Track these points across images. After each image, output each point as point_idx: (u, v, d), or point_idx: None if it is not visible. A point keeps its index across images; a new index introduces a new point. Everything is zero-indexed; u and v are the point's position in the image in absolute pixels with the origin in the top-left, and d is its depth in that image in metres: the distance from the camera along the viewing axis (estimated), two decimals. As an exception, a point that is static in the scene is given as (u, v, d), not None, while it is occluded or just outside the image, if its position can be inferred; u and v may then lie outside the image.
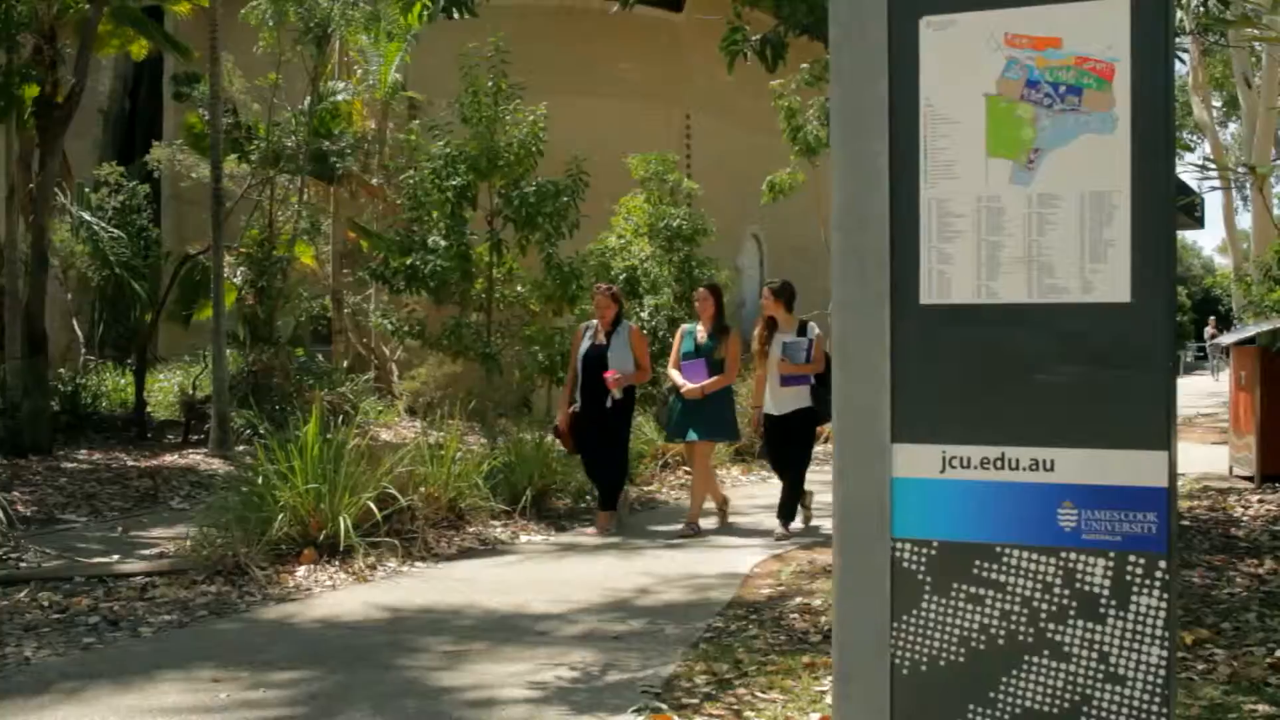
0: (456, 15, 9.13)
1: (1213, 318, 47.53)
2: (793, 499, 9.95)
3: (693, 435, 10.23)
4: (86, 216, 19.04)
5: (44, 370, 14.66)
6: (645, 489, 12.57)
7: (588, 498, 11.43)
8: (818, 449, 16.31)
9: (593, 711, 5.28)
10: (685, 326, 10.65)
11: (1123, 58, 2.72)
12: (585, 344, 10.42)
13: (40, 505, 10.91)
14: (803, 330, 9.75)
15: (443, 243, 14.45)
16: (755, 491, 13.05)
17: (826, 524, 8.41)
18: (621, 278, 17.42)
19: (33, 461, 13.09)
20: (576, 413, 10.34)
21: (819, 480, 12.41)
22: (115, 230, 19.21)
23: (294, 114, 18.48)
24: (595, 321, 10.58)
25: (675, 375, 10.36)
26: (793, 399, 9.73)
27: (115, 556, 8.89)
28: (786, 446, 9.88)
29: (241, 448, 14.25)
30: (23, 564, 8.63)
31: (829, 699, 5.13)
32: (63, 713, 5.32)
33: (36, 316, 14.61)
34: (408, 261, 14.67)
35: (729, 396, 10.50)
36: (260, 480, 8.68)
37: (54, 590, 7.71)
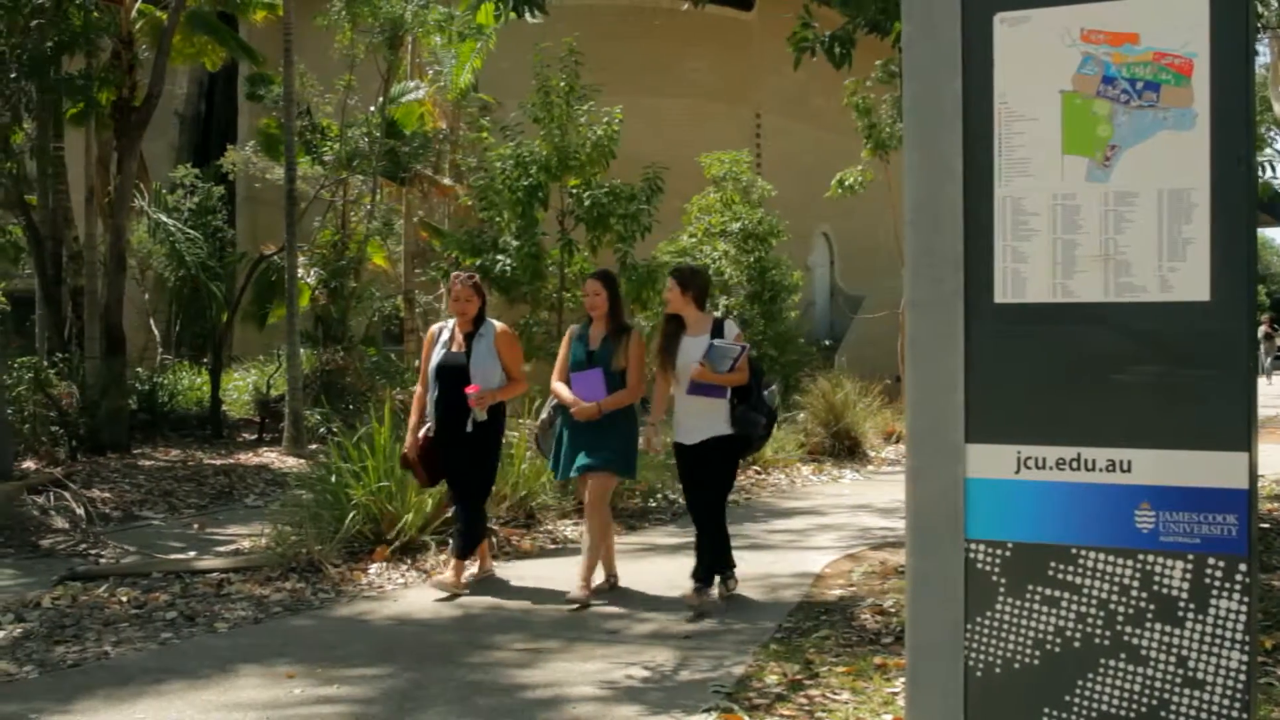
0: (527, 15, 9.15)
1: (1267, 315, 45.96)
2: (716, 549, 7.51)
3: (583, 461, 7.66)
4: (163, 218, 19.31)
5: (122, 369, 14.90)
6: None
7: (657, 497, 11.41)
8: (889, 451, 16.36)
9: (665, 711, 5.28)
10: (574, 328, 8.04)
11: (1201, 53, 2.68)
12: (439, 351, 7.89)
13: (119, 502, 11.08)
14: (719, 331, 7.38)
15: (514, 243, 14.51)
16: (827, 490, 12.99)
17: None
18: (691, 277, 17.40)
19: (111, 459, 13.29)
20: (430, 438, 7.86)
21: (894, 484, 12.32)
22: (191, 231, 19.47)
23: (367, 115, 18.65)
24: (451, 322, 8.03)
25: (562, 391, 7.76)
26: (707, 421, 7.30)
27: (192, 553, 9.02)
28: (697, 487, 7.47)
29: (315, 446, 14.39)
30: (102, 560, 8.77)
31: (901, 700, 5.09)
32: (143, 706, 5.40)
33: (115, 316, 14.86)
34: (479, 261, 14.75)
35: (633, 418, 7.85)
36: (333, 479, 8.75)
37: (133, 586, 7.82)
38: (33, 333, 19.23)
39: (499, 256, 14.58)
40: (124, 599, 7.47)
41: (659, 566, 8.68)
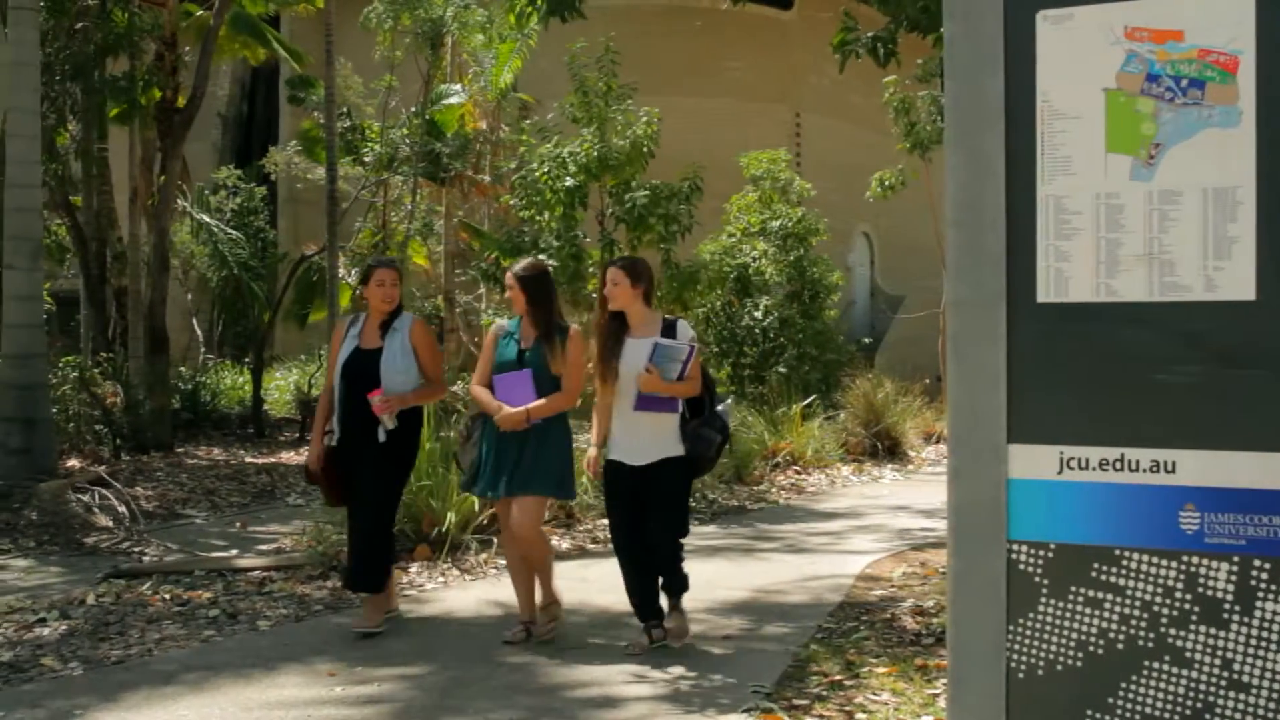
0: (565, 18, 9.16)
1: None
2: (680, 576, 6.47)
3: (510, 486, 6.45)
4: (206, 219, 19.50)
5: (165, 369, 15.04)
6: (755, 488, 12.51)
7: (697, 496, 11.38)
8: (929, 451, 16.28)
9: (704, 711, 5.28)
10: (501, 323, 6.81)
11: (1247, 50, 2.66)
12: (347, 347, 6.83)
13: (162, 500, 11.17)
14: (670, 331, 6.27)
15: (555, 243, 14.55)
16: (867, 491, 12.95)
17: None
18: (732, 276, 17.41)
19: (154, 458, 13.41)
20: (331, 447, 6.81)
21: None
22: (233, 232, 19.66)
23: (408, 116, 18.75)
24: (359, 315, 7.07)
25: (484, 397, 6.49)
26: (655, 439, 6.21)
27: (234, 551, 9.08)
28: (647, 513, 6.28)
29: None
30: (146, 557, 8.85)
31: (942, 702, 5.07)
32: (185, 703, 5.44)
33: (158, 316, 15.00)
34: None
35: (566, 431, 6.70)
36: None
37: (175, 584, 7.88)
38: (77, 332, 19.46)
39: (540, 256, 14.60)
40: (167, 596, 7.53)
41: (697, 567, 8.64)
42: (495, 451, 6.46)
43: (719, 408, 6.43)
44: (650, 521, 6.27)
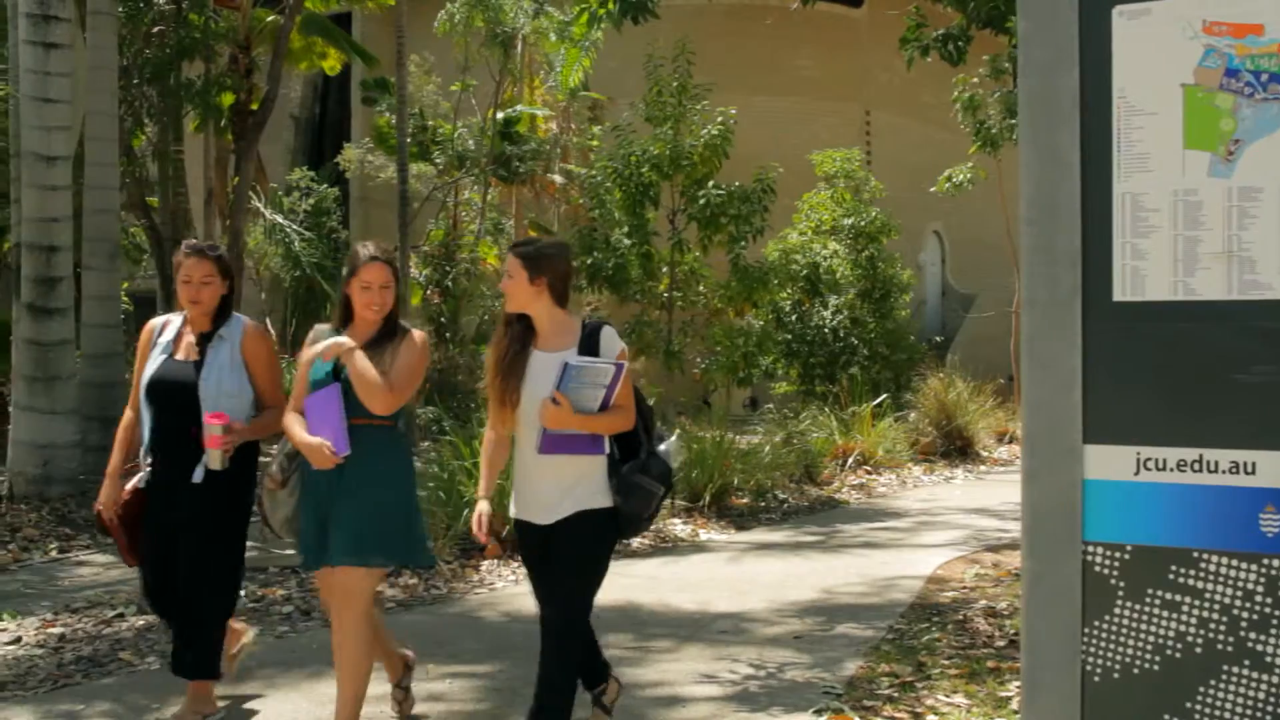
0: (637, 20, 9.18)
1: None
2: (566, 689, 4.77)
3: (327, 555, 4.77)
4: (279, 219, 19.72)
5: (239, 368, 15.20)
6: (826, 488, 12.45)
7: (768, 496, 11.35)
8: (1002, 451, 16.13)
9: (774, 710, 5.27)
10: (320, 329, 4.92)
11: (1330, 44, 2.61)
12: (157, 359, 5.16)
13: (237, 498, 11.29)
14: (591, 344, 4.46)
15: (626, 241, 14.59)
16: (938, 491, 12.85)
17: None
18: (803, 275, 17.35)
19: (228, 456, 13.54)
20: (140, 489, 5.15)
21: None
22: (306, 233, 19.85)
23: (480, 119, 18.90)
24: (173, 317, 5.34)
25: (295, 429, 4.79)
26: (571, 490, 4.50)
27: (307, 549, 9.15)
28: (554, 577, 4.73)
29: (426, 444, 14.55)
30: (221, 555, 8.93)
31: (1015, 705, 5.03)
32: (260, 699, 5.50)
33: (232, 316, 15.17)
34: (590, 260, 14.82)
35: (402, 469, 5.00)
36: (446, 476, 8.84)
37: (250, 580, 7.95)
38: (154, 332, 19.72)
39: (611, 255, 14.65)
40: (242, 593, 7.61)
41: (769, 566, 8.65)
42: (313, 502, 4.85)
43: (661, 447, 4.68)
44: (556, 583, 4.74)
